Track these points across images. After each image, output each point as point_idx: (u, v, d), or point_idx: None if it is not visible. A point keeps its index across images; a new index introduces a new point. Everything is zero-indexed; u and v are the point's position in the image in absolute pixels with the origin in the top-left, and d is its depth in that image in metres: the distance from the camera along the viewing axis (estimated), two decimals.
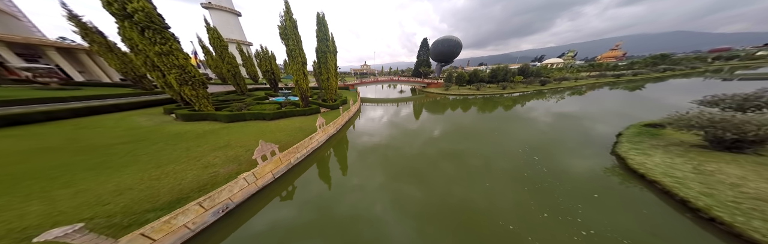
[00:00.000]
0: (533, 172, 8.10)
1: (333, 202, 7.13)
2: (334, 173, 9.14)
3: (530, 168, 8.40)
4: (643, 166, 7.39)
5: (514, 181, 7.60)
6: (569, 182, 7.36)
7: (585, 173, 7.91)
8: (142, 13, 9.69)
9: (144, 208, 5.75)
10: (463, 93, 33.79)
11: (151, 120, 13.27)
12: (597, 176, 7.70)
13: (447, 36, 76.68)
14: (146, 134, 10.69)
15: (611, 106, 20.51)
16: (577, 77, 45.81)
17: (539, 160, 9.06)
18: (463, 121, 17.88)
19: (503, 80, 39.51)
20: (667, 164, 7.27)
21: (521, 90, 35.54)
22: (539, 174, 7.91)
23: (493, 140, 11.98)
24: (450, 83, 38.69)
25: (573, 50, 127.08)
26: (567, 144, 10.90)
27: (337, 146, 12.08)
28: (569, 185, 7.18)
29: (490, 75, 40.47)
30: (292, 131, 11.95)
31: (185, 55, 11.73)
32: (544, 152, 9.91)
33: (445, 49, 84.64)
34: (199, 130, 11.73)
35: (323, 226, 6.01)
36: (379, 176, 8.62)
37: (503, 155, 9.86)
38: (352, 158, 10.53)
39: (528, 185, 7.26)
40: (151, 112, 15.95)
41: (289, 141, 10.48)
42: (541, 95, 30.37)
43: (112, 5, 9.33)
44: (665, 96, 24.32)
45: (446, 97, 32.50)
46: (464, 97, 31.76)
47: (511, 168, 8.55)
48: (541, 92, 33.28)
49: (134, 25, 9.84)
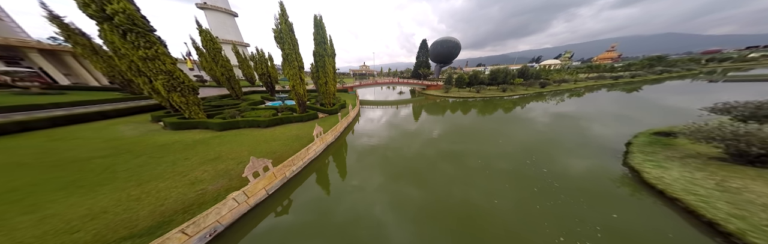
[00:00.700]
0: (544, 186, 7.63)
1: (333, 215, 6.69)
2: (333, 184, 8.62)
3: (540, 182, 7.93)
4: (661, 180, 6.96)
5: (525, 198, 7.11)
6: (583, 198, 6.89)
7: (599, 188, 7.46)
8: (122, 14, 9.01)
9: (120, 235, 5.13)
10: (463, 95, 33.42)
11: (136, 129, 12.50)
12: (612, 191, 7.25)
13: (446, 37, 76.78)
14: (129, 145, 9.96)
15: (614, 109, 20.27)
16: (576, 79, 45.97)
17: (548, 173, 8.59)
18: (463, 122, 17.51)
19: (503, 82, 39.18)
20: (687, 178, 6.85)
21: (521, 92, 35.30)
22: (550, 190, 7.43)
23: (498, 149, 11.51)
24: (450, 86, 38.34)
25: (570, 51, 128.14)
26: (574, 153, 10.48)
27: (336, 154, 11.54)
28: (584, 202, 6.70)
29: (490, 77, 40.16)
30: (288, 140, 11.33)
31: (173, 60, 11.04)
32: (551, 163, 9.46)
33: (444, 51, 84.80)
34: (188, 140, 11.04)
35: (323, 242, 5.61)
36: (379, 186, 8.13)
37: (510, 166, 9.38)
38: (353, 167, 9.99)
39: (539, 203, 6.77)
40: (138, 119, 15.11)
41: (285, 152, 9.89)
42: (541, 98, 30.13)
43: (89, 6, 8.63)
44: (665, 98, 24.24)
45: (446, 99, 32.12)
46: (464, 99, 31.41)
47: (520, 182, 8.07)
48: (541, 95, 33.08)
49: (115, 28, 9.15)
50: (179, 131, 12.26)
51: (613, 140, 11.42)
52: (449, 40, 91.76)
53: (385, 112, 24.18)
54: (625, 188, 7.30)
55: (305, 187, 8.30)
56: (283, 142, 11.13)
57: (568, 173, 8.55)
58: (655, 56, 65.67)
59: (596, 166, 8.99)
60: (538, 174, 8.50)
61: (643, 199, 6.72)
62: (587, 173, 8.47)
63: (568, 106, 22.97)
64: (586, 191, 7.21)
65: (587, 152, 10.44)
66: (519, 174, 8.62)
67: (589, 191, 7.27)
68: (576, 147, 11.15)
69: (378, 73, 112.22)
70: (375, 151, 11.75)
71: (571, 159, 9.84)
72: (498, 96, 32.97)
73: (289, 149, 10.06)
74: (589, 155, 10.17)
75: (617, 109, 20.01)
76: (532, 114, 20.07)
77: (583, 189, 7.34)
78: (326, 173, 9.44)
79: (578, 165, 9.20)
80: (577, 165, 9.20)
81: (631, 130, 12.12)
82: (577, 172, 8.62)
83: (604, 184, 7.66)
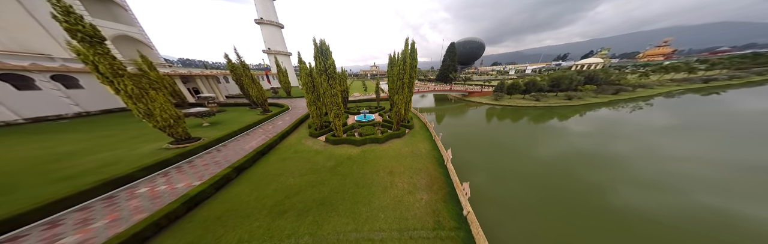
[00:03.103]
0: None
1: None
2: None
3: None
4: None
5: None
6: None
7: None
8: (332, 68, 12.62)
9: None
10: (519, 104, 32.94)
11: (315, 143, 15.92)
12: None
13: (469, 37, 76.01)
14: (339, 157, 13.45)
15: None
16: (658, 83, 40.02)
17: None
18: (575, 141, 18.31)
19: (567, 89, 35.71)
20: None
21: (592, 100, 31.98)
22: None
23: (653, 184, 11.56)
24: (502, 93, 37.22)
25: (607, 47, 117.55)
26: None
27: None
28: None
29: (551, 83, 36.58)
30: (413, 157, 13.18)
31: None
32: None
33: (467, 52, 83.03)
34: (353, 154, 14.02)
35: None
36: None
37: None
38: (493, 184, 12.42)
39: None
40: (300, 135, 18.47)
41: (421, 168, 11.77)
42: (615, 105, 28.28)
43: (319, 63, 12.32)
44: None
45: (501, 108, 32.33)
46: (519, 108, 31.57)
47: None
48: (617, 102, 30.16)
49: (324, 74, 12.87)
50: (337, 146, 15.69)
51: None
52: (473, 40, 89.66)
53: (451, 122, 25.98)
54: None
55: None
56: (412, 159, 13.11)
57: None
58: (749, 53, 56.51)
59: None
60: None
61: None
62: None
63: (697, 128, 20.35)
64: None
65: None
66: None
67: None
68: None
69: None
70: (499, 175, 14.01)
71: None
72: (564, 105, 30.57)
73: (423, 166, 12.21)
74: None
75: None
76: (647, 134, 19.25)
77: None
78: None
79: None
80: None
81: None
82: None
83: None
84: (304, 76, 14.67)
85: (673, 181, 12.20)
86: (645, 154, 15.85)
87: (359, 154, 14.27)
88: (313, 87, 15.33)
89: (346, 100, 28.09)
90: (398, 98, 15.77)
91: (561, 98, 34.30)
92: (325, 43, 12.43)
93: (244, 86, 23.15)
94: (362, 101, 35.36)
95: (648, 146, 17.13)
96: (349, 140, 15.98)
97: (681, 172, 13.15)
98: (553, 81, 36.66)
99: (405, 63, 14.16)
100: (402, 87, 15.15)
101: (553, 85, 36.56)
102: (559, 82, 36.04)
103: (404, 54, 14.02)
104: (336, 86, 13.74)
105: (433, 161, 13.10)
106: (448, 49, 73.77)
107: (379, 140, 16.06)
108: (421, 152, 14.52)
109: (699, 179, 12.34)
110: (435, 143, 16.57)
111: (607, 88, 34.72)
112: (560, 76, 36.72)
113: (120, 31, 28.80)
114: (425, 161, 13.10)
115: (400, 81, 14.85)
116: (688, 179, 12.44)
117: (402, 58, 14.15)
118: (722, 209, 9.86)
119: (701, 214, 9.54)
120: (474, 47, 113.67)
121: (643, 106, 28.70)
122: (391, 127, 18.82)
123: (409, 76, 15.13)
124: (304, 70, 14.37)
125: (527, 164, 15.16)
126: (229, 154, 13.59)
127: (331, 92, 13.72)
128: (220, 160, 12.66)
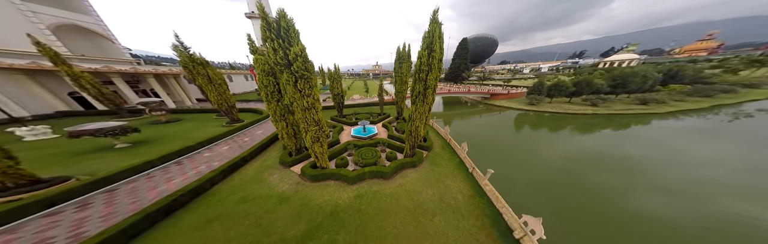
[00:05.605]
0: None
1: None
2: None
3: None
4: None
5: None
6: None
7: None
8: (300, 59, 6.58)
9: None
10: (567, 110, 24.91)
11: (285, 179, 10.40)
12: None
13: (481, 33, 70.04)
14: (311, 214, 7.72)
15: None
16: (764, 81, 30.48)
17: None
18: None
19: (639, 90, 26.54)
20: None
21: (682, 106, 23.11)
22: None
23: None
24: (541, 96, 28.49)
25: (635, 43, 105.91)
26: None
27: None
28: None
29: (612, 83, 26.68)
30: (445, 212, 7.75)
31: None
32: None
33: (478, 49, 77.63)
34: (342, 204, 8.35)
35: None
36: None
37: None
38: None
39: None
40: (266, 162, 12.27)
41: (459, 236, 6.69)
42: (726, 113, 20.29)
43: (277, 53, 6.33)
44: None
45: (537, 114, 25.60)
46: (568, 116, 24.50)
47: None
48: (720, 108, 21.91)
49: (291, 76, 6.81)
50: (318, 184, 9.86)
51: None
52: (485, 36, 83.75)
53: (474, 134, 20.18)
54: None
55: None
56: (444, 217, 7.49)
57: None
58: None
59: None
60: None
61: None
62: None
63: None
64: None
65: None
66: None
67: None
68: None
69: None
70: None
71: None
72: (639, 112, 22.41)
73: (470, 236, 6.69)
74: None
75: None
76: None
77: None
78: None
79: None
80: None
81: None
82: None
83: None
84: (261, 75, 8.67)
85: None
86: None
87: (352, 202, 8.55)
88: (279, 93, 9.38)
89: (342, 105, 22.29)
90: (416, 112, 9.65)
91: (630, 102, 25.94)
92: (286, 17, 6.53)
93: (201, 88, 17.47)
94: (363, 106, 29.38)
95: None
96: (336, 173, 10.13)
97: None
98: (615, 79, 26.96)
99: (429, 55, 7.86)
100: (423, 94, 8.85)
101: (616, 85, 26.94)
102: (625, 81, 26.27)
103: (430, 36, 7.78)
104: (311, 92, 7.75)
105: (485, 220, 7.29)
106: (460, 46, 67.17)
107: (384, 174, 10.18)
108: (457, 197, 8.75)
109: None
110: (472, 176, 10.60)
111: (703, 88, 25.35)
112: (628, 74, 26.89)
113: (65, 19, 23.39)
114: (470, 221, 7.30)
115: (421, 83, 8.66)
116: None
117: (427, 43, 7.90)
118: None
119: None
120: (486, 44, 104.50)
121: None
122: (402, 149, 12.85)
123: (434, 77, 8.54)
124: (261, 64, 8.35)
125: (623, 216, 9.03)
126: (103, 212, 7.39)
127: (302, 103, 7.79)
128: (62, 231, 6.46)
